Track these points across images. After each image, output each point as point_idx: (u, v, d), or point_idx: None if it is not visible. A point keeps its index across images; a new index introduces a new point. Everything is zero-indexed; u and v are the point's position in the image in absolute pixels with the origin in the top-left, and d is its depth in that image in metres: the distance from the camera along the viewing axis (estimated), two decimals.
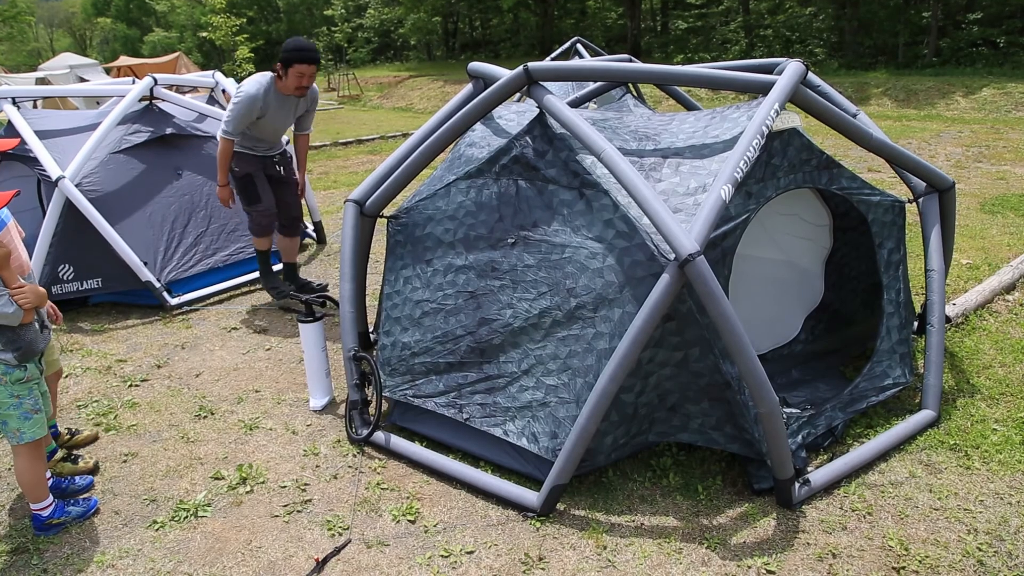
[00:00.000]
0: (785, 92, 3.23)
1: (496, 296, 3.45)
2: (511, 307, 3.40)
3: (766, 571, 2.73)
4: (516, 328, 3.36)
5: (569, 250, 3.28)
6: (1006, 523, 2.93)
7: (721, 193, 2.88)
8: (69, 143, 5.72)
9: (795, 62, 3.41)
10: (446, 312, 3.59)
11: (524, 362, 3.32)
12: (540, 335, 3.29)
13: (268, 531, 3.07)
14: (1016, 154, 10.61)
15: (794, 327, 4.23)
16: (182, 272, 5.77)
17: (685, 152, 3.35)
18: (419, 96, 26.39)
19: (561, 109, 3.36)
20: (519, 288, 3.39)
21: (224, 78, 7.37)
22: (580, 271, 3.20)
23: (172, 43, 54.45)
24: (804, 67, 3.41)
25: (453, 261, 3.61)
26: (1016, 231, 6.73)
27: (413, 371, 3.66)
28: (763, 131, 3.07)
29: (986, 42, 20.23)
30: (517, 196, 3.54)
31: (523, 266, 3.40)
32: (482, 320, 3.47)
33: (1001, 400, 3.84)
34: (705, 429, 3.20)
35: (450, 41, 41.95)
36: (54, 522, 3.07)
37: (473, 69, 4.14)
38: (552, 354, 3.25)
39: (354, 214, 3.99)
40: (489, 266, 3.50)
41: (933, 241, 4.01)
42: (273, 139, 5.27)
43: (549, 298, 3.28)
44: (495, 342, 3.42)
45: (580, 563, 2.81)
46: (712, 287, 2.74)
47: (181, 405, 4.18)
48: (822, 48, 23.61)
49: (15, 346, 2.76)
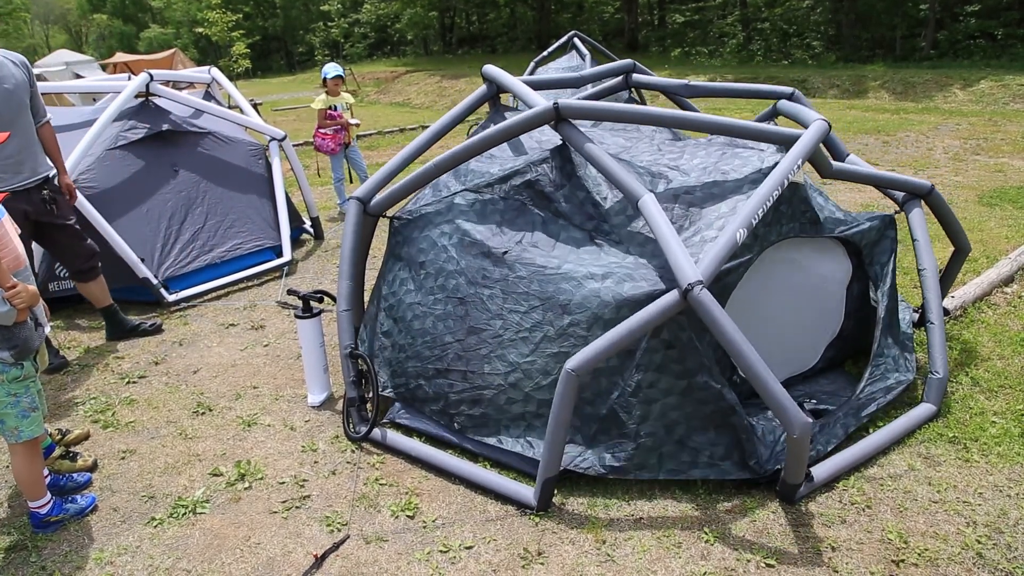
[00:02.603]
0: (807, 149, 3.38)
1: (485, 305, 3.42)
2: (501, 318, 3.36)
3: (765, 565, 2.73)
4: (505, 339, 3.32)
5: (567, 266, 3.28)
6: (1005, 515, 2.93)
7: (736, 236, 2.97)
8: (65, 140, 5.67)
9: (819, 120, 3.54)
10: (435, 317, 3.56)
11: (511, 375, 3.28)
12: (528, 349, 3.26)
13: (267, 527, 3.06)
14: (1014, 146, 10.60)
15: (815, 356, 4.09)
16: (179, 269, 5.76)
17: (697, 191, 3.45)
18: (416, 91, 26.33)
19: (596, 152, 3.40)
20: (510, 299, 3.36)
21: (220, 74, 7.34)
22: (575, 288, 3.19)
23: (168, 39, 54.37)
24: (826, 125, 3.54)
25: (445, 266, 3.58)
26: (1014, 223, 6.73)
27: (407, 373, 3.66)
28: (783, 183, 3.19)
29: (984, 34, 20.20)
30: (521, 217, 3.57)
31: (515, 277, 3.37)
32: (471, 329, 3.43)
33: (1000, 393, 3.84)
34: (715, 461, 3.15)
35: (447, 36, 41.87)
36: (52, 519, 3.07)
37: (488, 73, 4.16)
38: (542, 369, 3.22)
39: (357, 211, 3.96)
40: (480, 273, 3.47)
41: (922, 243, 4.10)
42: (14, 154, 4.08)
43: (541, 312, 3.25)
44: (481, 351, 3.38)
45: (579, 557, 2.81)
46: (716, 314, 2.79)
47: (179, 402, 4.18)
48: (819, 41, 23.58)
49: (11, 344, 2.75)
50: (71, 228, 4.54)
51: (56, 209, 4.39)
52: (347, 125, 7.94)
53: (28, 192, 4.21)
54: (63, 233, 4.50)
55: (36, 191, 4.26)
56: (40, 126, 4.33)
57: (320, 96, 8.01)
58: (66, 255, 4.66)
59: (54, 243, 4.57)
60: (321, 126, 7.90)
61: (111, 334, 5.06)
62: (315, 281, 6.14)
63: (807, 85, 18.83)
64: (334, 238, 7.43)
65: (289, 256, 6.42)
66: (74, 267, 4.70)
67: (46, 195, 4.31)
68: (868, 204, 7.55)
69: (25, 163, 4.18)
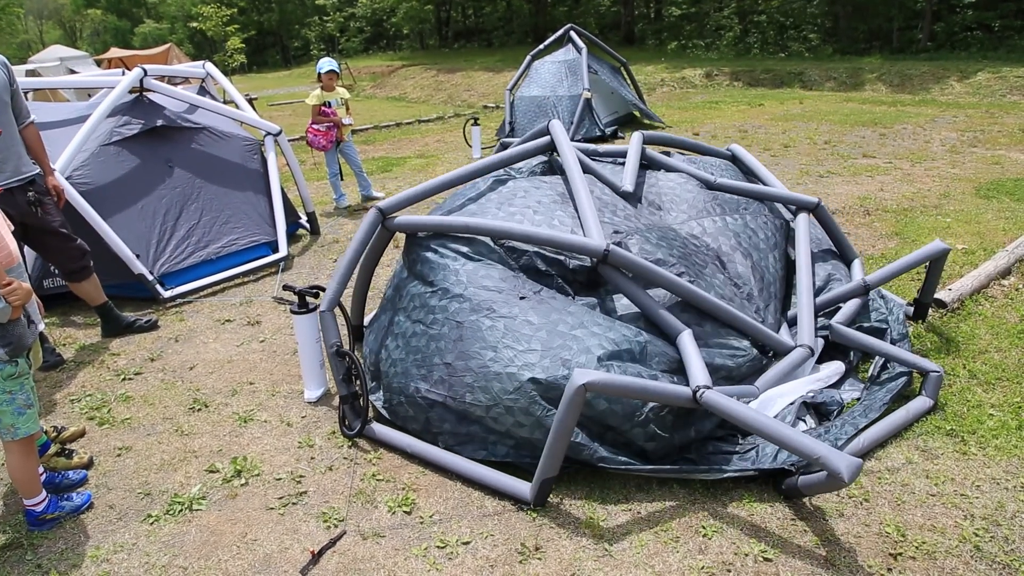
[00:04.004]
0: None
1: (482, 335, 3.34)
2: (494, 350, 3.28)
3: (763, 559, 2.73)
4: (491, 372, 3.24)
5: (580, 332, 3.28)
6: (1003, 508, 2.93)
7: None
8: (59, 135, 5.66)
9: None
10: (429, 336, 3.50)
11: (493, 410, 3.21)
12: (514, 386, 3.17)
13: (263, 524, 3.05)
14: (1011, 138, 10.60)
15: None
16: (175, 265, 5.74)
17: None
18: (412, 85, 26.26)
19: (639, 295, 3.55)
20: (509, 336, 3.29)
21: (215, 68, 7.31)
22: (585, 356, 3.18)
23: (163, 34, 54.17)
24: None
25: (452, 288, 3.54)
26: (1011, 215, 6.72)
27: (392, 388, 3.62)
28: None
29: (981, 26, 20.17)
30: (545, 279, 3.64)
31: (523, 319, 3.33)
32: (461, 353, 3.35)
33: (997, 385, 3.83)
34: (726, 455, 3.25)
35: (443, 30, 41.74)
36: (48, 517, 3.06)
37: (552, 130, 4.41)
38: (524, 409, 3.15)
39: (374, 221, 3.88)
40: (487, 304, 3.42)
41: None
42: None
43: (538, 356, 3.20)
44: (466, 380, 3.30)
45: (577, 552, 2.80)
46: (726, 405, 2.93)
47: (175, 398, 4.16)
48: (816, 34, 23.52)
49: (5, 342, 2.74)
50: (58, 230, 4.49)
51: (41, 211, 4.34)
52: (340, 123, 7.89)
53: (12, 193, 4.17)
54: (50, 235, 4.46)
55: (21, 192, 4.23)
56: (24, 127, 4.29)
57: (315, 91, 7.98)
58: (56, 256, 4.63)
59: (42, 245, 4.54)
60: (315, 122, 7.87)
61: (106, 331, 5.04)
62: (311, 276, 6.12)
63: (804, 78, 18.81)
64: (330, 233, 7.41)
65: (285, 252, 6.39)
66: (65, 268, 4.67)
67: (31, 197, 4.27)
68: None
69: (7, 163, 4.14)
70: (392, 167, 10.96)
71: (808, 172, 8.98)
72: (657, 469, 3.12)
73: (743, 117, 14.04)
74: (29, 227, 4.33)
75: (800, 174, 8.90)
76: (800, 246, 4.28)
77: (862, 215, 7.03)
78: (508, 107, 13.09)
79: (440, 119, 16.67)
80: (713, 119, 14.09)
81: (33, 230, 4.38)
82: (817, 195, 7.85)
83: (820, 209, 4.63)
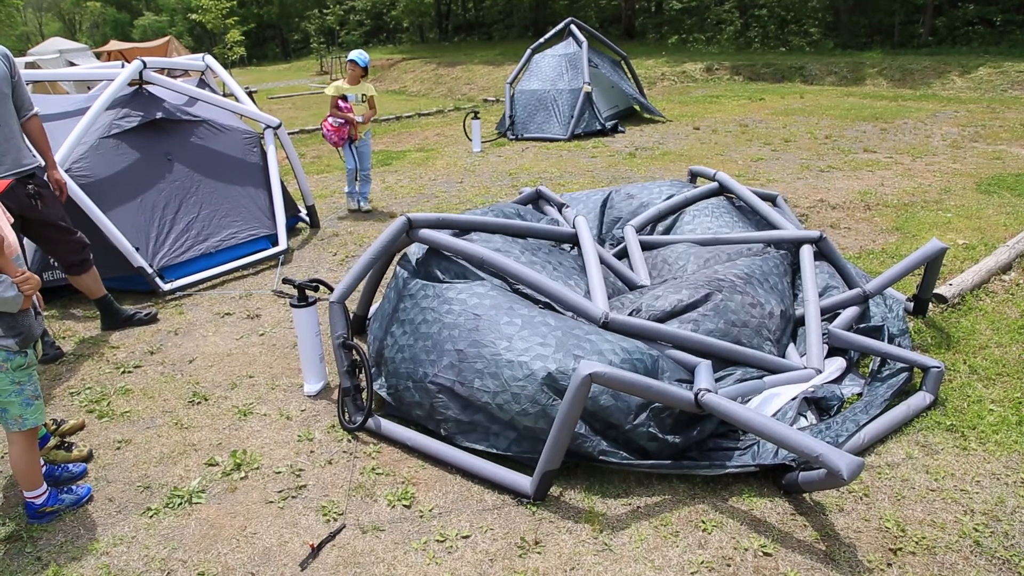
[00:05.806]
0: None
1: (499, 328, 3.39)
2: (508, 340, 3.33)
3: (763, 553, 2.73)
4: (502, 360, 3.28)
5: (595, 336, 3.33)
6: (1003, 503, 2.93)
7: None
8: (58, 128, 5.64)
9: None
10: (443, 324, 3.53)
11: (500, 396, 3.23)
12: (523, 374, 3.20)
13: (263, 517, 3.05)
14: (1012, 133, 10.59)
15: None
16: (174, 258, 5.73)
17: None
18: (412, 79, 26.21)
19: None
20: (526, 330, 3.35)
21: (214, 61, 7.28)
22: (597, 353, 3.22)
23: (163, 27, 54.06)
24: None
25: (473, 285, 3.63)
26: (1012, 211, 6.72)
27: (399, 374, 3.62)
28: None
29: (982, 20, 20.14)
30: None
31: (542, 320, 3.39)
32: (474, 342, 3.39)
33: (998, 380, 3.83)
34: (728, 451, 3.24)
35: (443, 23, 41.66)
36: (48, 510, 3.06)
37: (578, 227, 4.44)
38: (531, 397, 3.17)
39: (400, 228, 3.91)
40: (507, 304, 3.50)
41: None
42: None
43: (552, 350, 3.24)
44: (476, 366, 3.32)
45: (576, 547, 2.80)
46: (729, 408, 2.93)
47: (174, 391, 4.16)
48: (817, 28, 23.48)
49: (16, 332, 2.74)
50: (58, 223, 4.46)
51: (41, 204, 4.32)
52: (352, 121, 7.60)
53: (11, 185, 4.15)
54: (50, 227, 4.44)
55: (20, 185, 4.20)
56: (27, 119, 4.27)
57: (337, 82, 7.79)
58: (56, 249, 4.60)
59: (42, 238, 4.51)
60: (331, 115, 7.66)
61: (106, 324, 5.04)
62: (311, 270, 6.11)
63: (804, 72, 18.78)
64: (330, 226, 7.40)
65: (285, 245, 6.39)
66: (65, 261, 4.65)
67: (31, 190, 4.24)
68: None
69: (6, 155, 4.12)
70: (392, 160, 10.94)
71: (809, 167, 8.97)
72: (657, 465, 3.12)
73: (743, 111, 14.02)
74: (28, 220, 4.32)
75: (801, 169, 8.89)
76: (807, 281, 4.26)
77: (863, 210, 7.02)
78: (508, 101, 13.07)
79: (440, 112, 16.65)
80: (713, 113, 14.07)
81: (32, 223, 4.36)
82: (818, 189, 7.84)
83: (823, 242, 4.58)
